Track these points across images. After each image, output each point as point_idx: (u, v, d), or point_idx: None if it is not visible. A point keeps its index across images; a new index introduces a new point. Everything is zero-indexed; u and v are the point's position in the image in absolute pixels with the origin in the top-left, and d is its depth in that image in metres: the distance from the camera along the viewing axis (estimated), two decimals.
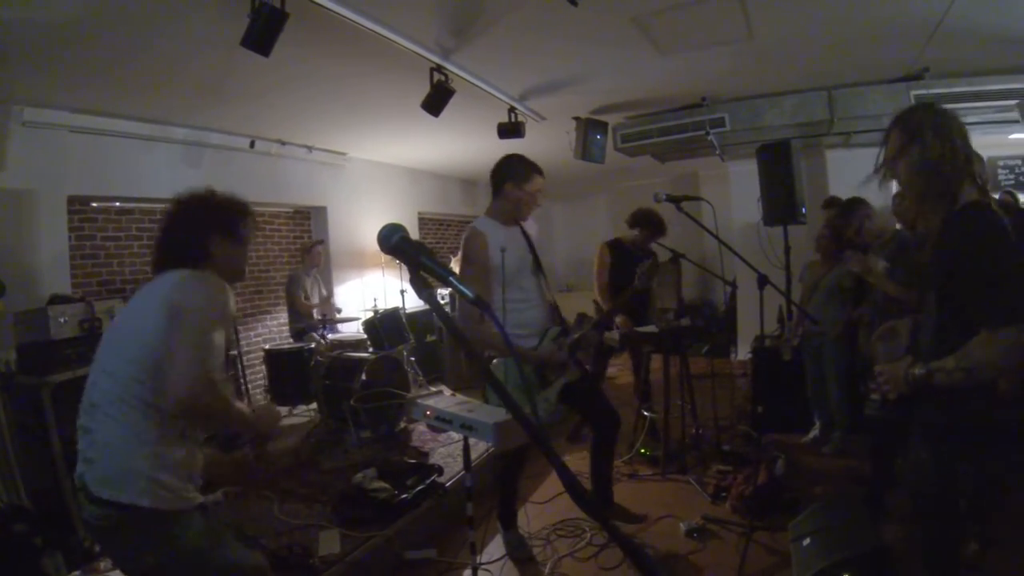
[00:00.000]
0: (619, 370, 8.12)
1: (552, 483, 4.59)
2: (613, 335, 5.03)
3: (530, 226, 3.58)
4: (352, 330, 7.15)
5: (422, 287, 1.26)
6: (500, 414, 2.39)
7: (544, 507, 4.28)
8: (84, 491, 1.87)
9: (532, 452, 3.70)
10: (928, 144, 2.01)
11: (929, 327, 2.13)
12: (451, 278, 1.21)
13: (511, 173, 3.42)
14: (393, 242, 1.31)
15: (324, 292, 7.12)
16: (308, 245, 7.16)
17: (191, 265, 2.01)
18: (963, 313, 1.92)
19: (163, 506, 1.84)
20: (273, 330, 7.43)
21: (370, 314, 6.81)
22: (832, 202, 5.55)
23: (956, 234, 1.96)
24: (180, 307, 1.86)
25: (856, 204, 4.42)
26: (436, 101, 4.61)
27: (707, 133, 6.20)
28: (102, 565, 3.26)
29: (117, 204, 5.57)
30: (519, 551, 3.71)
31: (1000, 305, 1.83)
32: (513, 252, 3.33)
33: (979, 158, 2.15)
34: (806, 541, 3.24)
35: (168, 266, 2.02)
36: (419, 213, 9.68)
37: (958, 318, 1.95)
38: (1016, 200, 6.03)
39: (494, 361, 3.30)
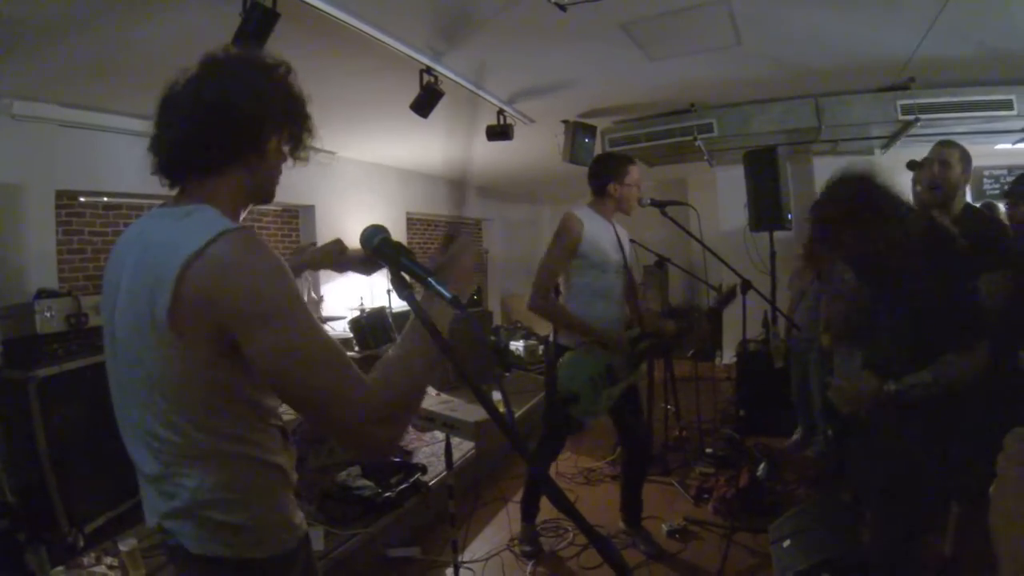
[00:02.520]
0: None
1: None
2: None
3: (622, 232, 3.67)
4: (338, 329, 7.15)
5: (403, 289, 1.29)
6: (482, 413, 2.42)
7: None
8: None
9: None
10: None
11: (899, 344, 2.25)
12: (431, 280, 1.24)
13: (612, 173, 3.53)
14: (375, 243, 1.33)
15: (314, 295, 7.13)
16: (303, 247, 7.14)
17: (227, 163, 1.31)
18: (941, 331, 2.11)
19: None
20: None
21: (356, 313, 6.81)
22: None
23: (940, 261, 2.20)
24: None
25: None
26: (425, 103, 4.63)
27: (695, 138, 6.23)
28: (86, 560, 3.26)
29: (105, 199, 5.55)
30: (529, 545, 3.79)
31: (978, 323, 2.08)
32: (602, 244, 3.46)
33: None
34: (786, 543, 3.28)
35: (191, 163, 1.31)
36: (407, 213, 9.66)
37: (934, 336, 2.13)
38: (996, 211, 6.11)
39: (567, 353, 3.40)
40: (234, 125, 1.28)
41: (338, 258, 1.84)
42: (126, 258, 1.27)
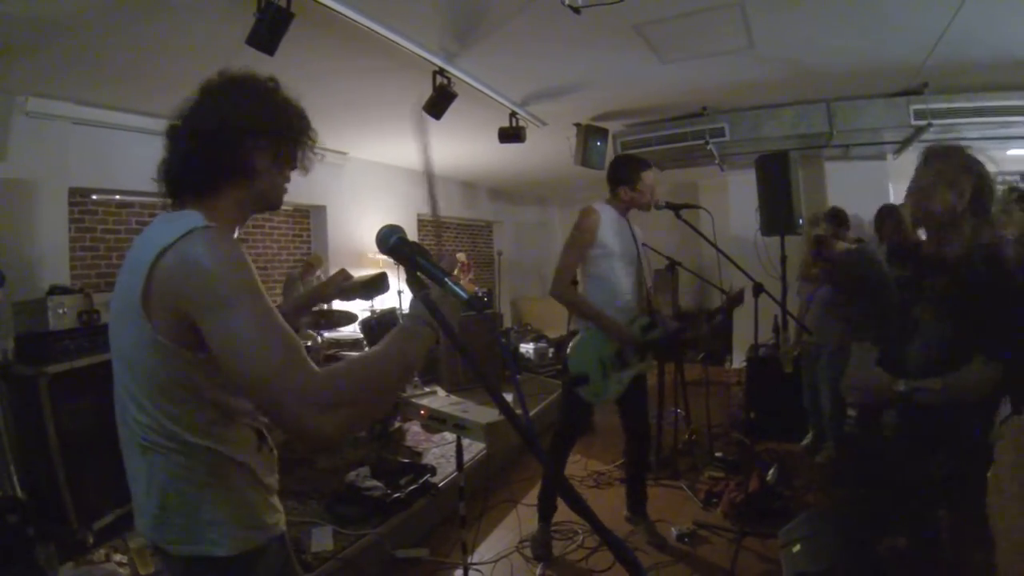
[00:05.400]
0: None
1: None
2: None
3: (636, 227, 3.76)
4: (349, 330, 7.15)
5: (418, 288, 1.29)
6: (493, 414, 2.42)
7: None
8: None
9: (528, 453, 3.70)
10: None
11: (927, 339, 2.23)
12: (447, 279, 1.24)
13: (623, 178, 3.61)
14: (391, 243, 1.33)
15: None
16: (312, 262, 7.13)
17: (220, 183, 1.37)
18: (969, 338, 2.07)
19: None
20: None
21: (367, 314, 6.82)
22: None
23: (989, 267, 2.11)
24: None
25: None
26: (438, 104, 4.63)
27: (707, 142, 6.22)
28: (95, 557, 3.27)
29: (117, 197, 5.58)
30: (540, 547, 3.77)
31: (1000, 337, 2.01)
32: (618, 237, 3.56)
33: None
34: (796, 548, 3.26)
35: (186, 185, 1.38)
36: (418, 215, 9.67)
37: (962, 343, 2.09)
38: None
39: (579, 333, 3.52)
40: (223, 149, 1.35)
41: (344, 286, 1.90)
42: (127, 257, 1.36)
